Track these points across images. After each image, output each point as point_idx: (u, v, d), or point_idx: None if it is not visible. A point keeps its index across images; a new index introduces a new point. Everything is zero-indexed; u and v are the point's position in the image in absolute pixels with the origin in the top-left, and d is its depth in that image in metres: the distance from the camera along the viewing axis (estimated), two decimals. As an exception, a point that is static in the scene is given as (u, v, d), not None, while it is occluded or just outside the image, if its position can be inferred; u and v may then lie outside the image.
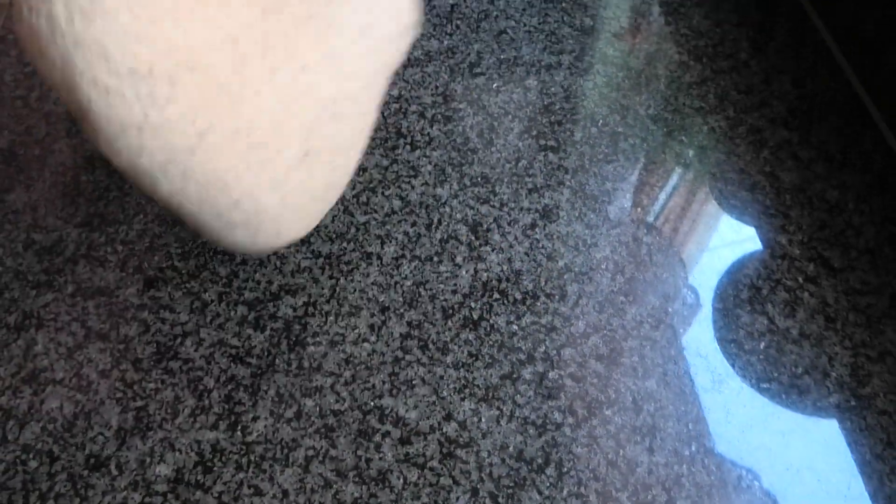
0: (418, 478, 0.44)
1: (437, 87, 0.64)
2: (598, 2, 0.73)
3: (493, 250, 0.54)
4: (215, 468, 0.44)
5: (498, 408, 0.47)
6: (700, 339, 0.51)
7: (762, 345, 0.51)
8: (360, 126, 0.45)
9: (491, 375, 0.48)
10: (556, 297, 0.52)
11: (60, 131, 0.58)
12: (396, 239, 0.54)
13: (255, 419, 0.46)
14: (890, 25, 0.64)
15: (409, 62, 0.65)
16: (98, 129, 0.38)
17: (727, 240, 0.57)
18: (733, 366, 0.50)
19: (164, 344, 0.48)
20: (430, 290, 0.52)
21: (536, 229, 0.55)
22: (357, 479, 0.44)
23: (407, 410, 0.47)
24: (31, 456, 0.44)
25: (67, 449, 0.44)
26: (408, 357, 0.49)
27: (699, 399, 0.48)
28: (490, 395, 0.47)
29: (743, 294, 0.53)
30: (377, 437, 0.45)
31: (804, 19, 0.74)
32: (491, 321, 0.51)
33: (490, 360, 0.49)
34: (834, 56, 0.70)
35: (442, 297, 0.51)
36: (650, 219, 0.57)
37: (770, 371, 0.50)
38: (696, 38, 0.71)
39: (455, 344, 0.49)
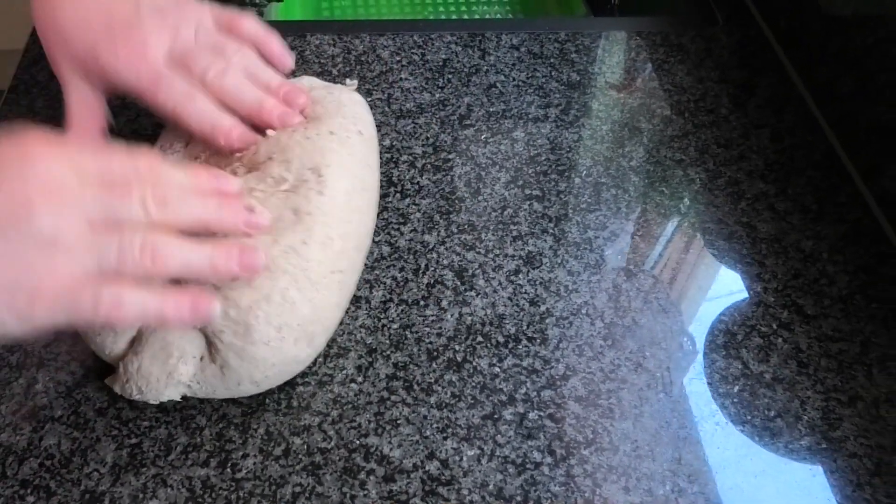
0: (401, 514, 0.46)
1: (427, 138, 0.67)
2: (584, 58, 0.76)
3: (477, 295, 0.56)
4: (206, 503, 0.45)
5: (479, 447, 0.49)
6: (675, 382, 0.53)
7: (736, 388, 0.53)
8: None
9: (473, 416, 0.50)
10: (538, 340, 0.54)
11: (66, 178, 0.60)
12: (385, 283, 0.56)
13: (244, 457, 0.47)
14: (865, 85, 0.67)
15: (402, 114, 0.68)
16: None
17: (704, 287, 0.59)
18: (708, 408, 0.52)
19: (160, 383, 0.50)
20: (416, 332, 0.54)
21: (520, 275, 0.58)
22: (342, 516, 0.46)
23: (391, 449, 0.48)
24: (28, 491, 0.46)
25: (64, 484, 0.46)
26: (393, 397, 0.51)
27: (673, 440, 0.50)
28: (472, 434, 0.49)
29: (718, 339, 0.55)
30: (362, 475, 0.47)
31: (784, 77, 0.76)
32: (474, 363, 0.52)
33: (472, 401, 0.51)
34: (812, 112, 0.73)
35: (427, 340, 0.53)
36: (630, 266, 0.59)
37: (744, 414, 0.52)
38: (678, 93, 0.74)
39: (439, 385, 0.51)
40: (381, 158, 0.63)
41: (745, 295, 0.58)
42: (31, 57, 0.71)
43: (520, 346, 0.53)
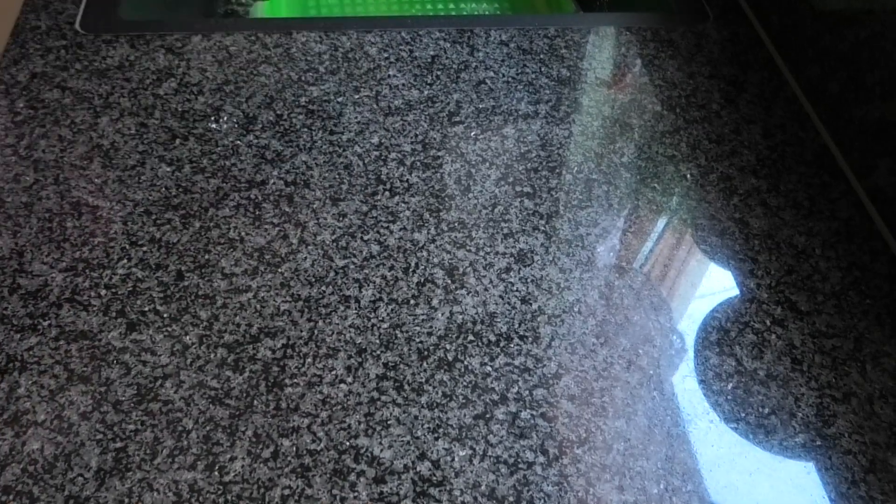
0: (392, 517, 0.45)
1: (416, 136, 0.66)
2: (574, 53, 0.76)
3: (468, 293, 0.55)
4: (192, 508, 0.45)
5: (471, 447, 0.48)
6: (669, 380, 0.52)
7: (730, 385, 0.52)
8: None
9: (464, 415, 0.49)
10: (530, 339, 0.53)
11: (48, 178, 0.60)
12: (374, 282, 0.56)
13: (232, 459, 0.47)
14: (856, 81, 0.67)
15: (390, 111, 0.67)
16: None
17: (696, 284, 0.58)
18: (701, 406, 0.51)
19: (145, 386, 0.49)
20: (407, 332, 0.53)
21: (511, 273, 0.57)
22: (332, 519, 0.45)
23: (382, 450, 0.48)
24: (11, 497, 0.45)
25: (47, 490, 0.45)
26: (383, 398, 0.50)
27: (667, 438, 0.49)
28: (463, 434, 0.48)
29: (712, 336, 0.55)
30: (352, 477, 0.46)
31: (775, 73, 0.76)
32: (465, 362, 0.52)
33: (464, 401, 0.50)
34: (804, 108, 0.73)
35: (418, 340, 0.53)
36: (622, 263, 0.59)
37: (737, 411, 0.51)
38: (669, 88, 0.73)
39: (430, 385, 0.51)
40: (369, 156, 0.63)
41: (738, 291, 0.57)
42: (11, 57, 0.70)
43: (511, 345, 0.53)
